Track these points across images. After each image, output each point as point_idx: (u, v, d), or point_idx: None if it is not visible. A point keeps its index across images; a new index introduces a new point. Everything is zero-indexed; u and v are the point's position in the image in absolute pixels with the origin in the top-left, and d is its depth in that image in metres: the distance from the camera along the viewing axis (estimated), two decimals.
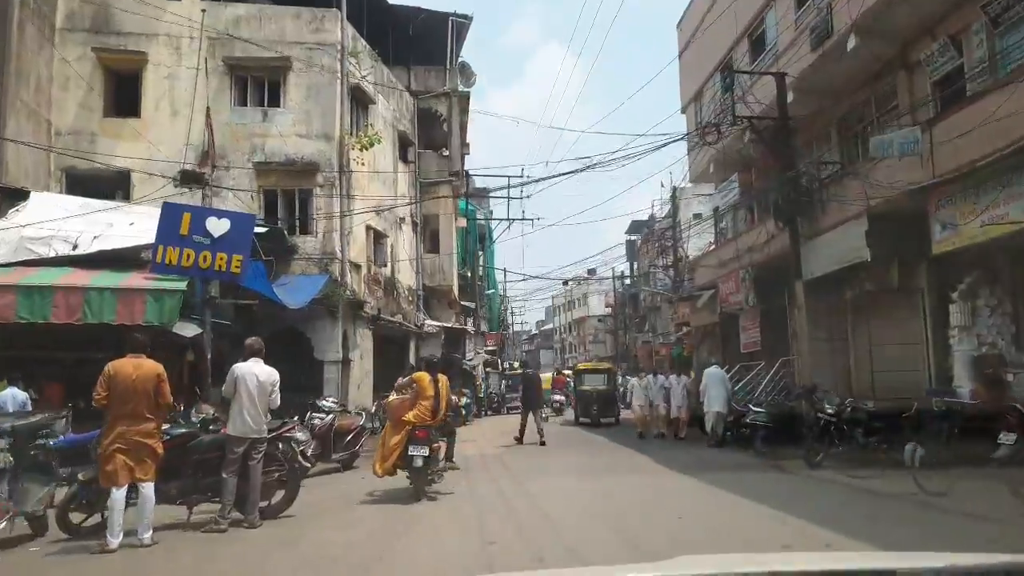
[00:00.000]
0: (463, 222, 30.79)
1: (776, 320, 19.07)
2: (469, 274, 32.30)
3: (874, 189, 12.99)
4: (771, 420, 13.78)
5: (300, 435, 9.95)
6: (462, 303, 30.46)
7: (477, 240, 37.18)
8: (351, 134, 19.36)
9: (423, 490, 9.01)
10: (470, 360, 27.03)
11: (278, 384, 7.51)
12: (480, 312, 35.15)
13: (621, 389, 32.80)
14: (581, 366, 26.07)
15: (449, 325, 25.08)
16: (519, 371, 36.81)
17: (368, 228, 20.71)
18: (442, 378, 9.87)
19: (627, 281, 68.25)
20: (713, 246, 25.44)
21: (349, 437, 12.17)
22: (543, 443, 16.63)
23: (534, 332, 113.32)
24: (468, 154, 30.51)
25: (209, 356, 13.03)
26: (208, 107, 15.82)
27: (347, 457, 12.21)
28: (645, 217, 66.28)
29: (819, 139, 17.26)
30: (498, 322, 45.01)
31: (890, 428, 11.59)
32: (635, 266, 69.95)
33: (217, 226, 13.08)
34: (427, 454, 8.96)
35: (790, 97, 15.83)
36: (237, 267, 13.16)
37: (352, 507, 8.90)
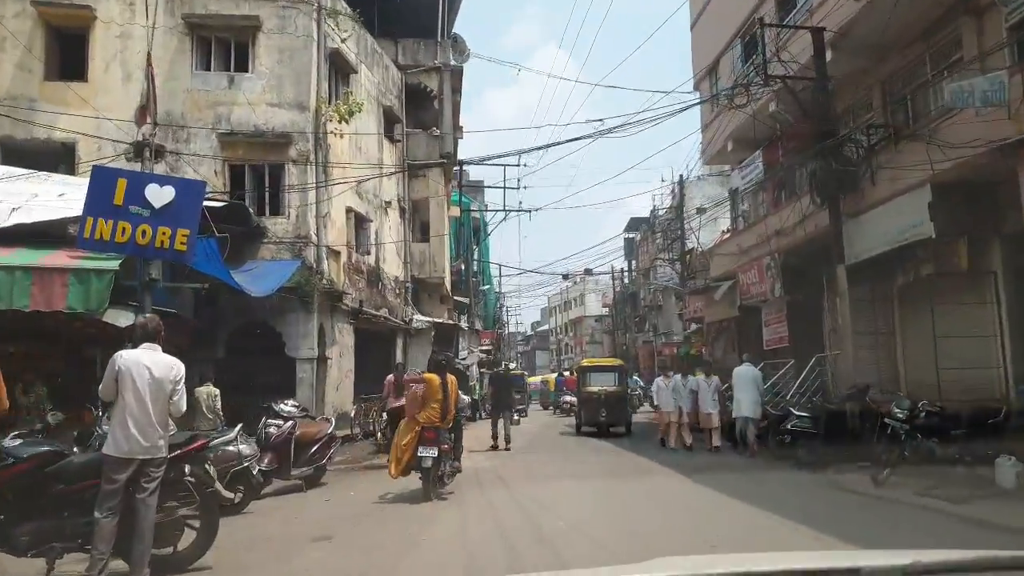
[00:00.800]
0: (456, 211, 28.65)
1: (806, 312, 16.98)
2: (464, 267, 30.15)
3: (940, 152, 10.90)
4: (816, 426, 11.69)
5: (244, 448, 7.82)
6: (455, 298, 28.32)
7: (471, 233, 35.07)
8: (328, 103, 17.20)
9: (434, 491, 9.06)
10: (464, 359, 24.90)
11: (182, 380, 5.32)
12: (475, 309, 33.00)
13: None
14: (586, 362, 22.08)
15: (441, 321, 22.94)
16: (514, 372, 34.80)
17: (349, 211, 18.55)
18: (451, 379, 9.89)
19: (625, 279, 66.24)
20: (728, 234, 23.36)
21: (315, 448, 10.01)
22: (508, 448, 15.93)
23: (530, 333, 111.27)
24: (461, 138, 28.39)
25: None
26: (149, 54, 13.55)
27: (312, 473, 10.04)
28: (644, 215, 64.78)
29: (860, 105, 15.18)
30: (493, 320, 42.84)
31: (970, 436, 9.53)
32: (633, 264, 68.30)
33: (159, 195, 10.89)
34: (436, 455, 9.07)
35: (828, 55, 13.77)
36: (183, 244, 10.96)
37: (308, 544, 6.73)
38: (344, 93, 17.84)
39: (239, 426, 8.01)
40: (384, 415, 15.54)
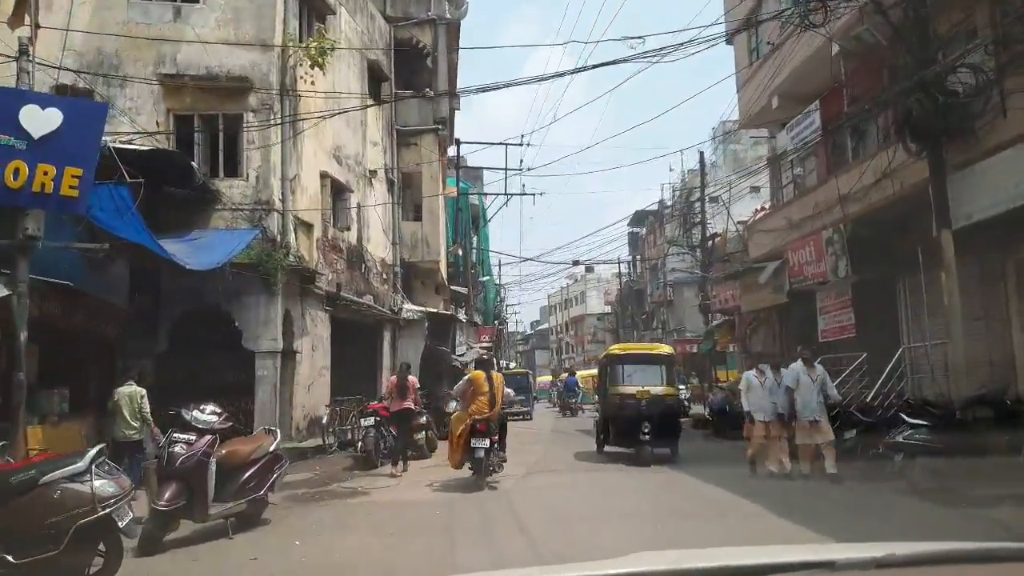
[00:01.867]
0: (453, 191, 25.61)
1: (877, 296, 14.00)
2: (460, 252, 27.10)
3: None
4: (937, 439, 8.66)
5: (103, 485, 4.79)
6: (452, 288, 25.30)
7: (470, 220, 32.06)
8: (299, 42, 14.16)
9: (485, 480, 9.51)
10: (461, 356, 21.86)
11: None
12: (473, 303, 29.95)
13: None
14: (616, 349, 14.94)
15: (436, 311, 19.90)
16: (516, 371, 31.71)
17: (324, 176, 15.50)
18: (496, 375, 10.45)
19: (629, 274, 63.25)
20: (763, 211, 20.34)
21: (249, 474, 6.94)
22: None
23: (529, 332, 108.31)
24: (458, 108, 25.35)
25: (24, 335, 7.80)
26: None
27: (245, 508, 6.97)
28: (650, 208, 61.81)
29: (956, 35, 12.16)
30: (493, 316, 39.79)
31: None
32: (637, 260, 65.30)
33: (40, 120, 7.94)
34: (488, 445, 9.54)
35: None
36: (73, 188, 8.01)
37: None
38: (317, 30, 14.77)
39: (95, 449, 4.99)
40: (362, 420, 12.52)
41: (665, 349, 15.12)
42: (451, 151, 27.69)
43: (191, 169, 11.94)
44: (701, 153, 28.81)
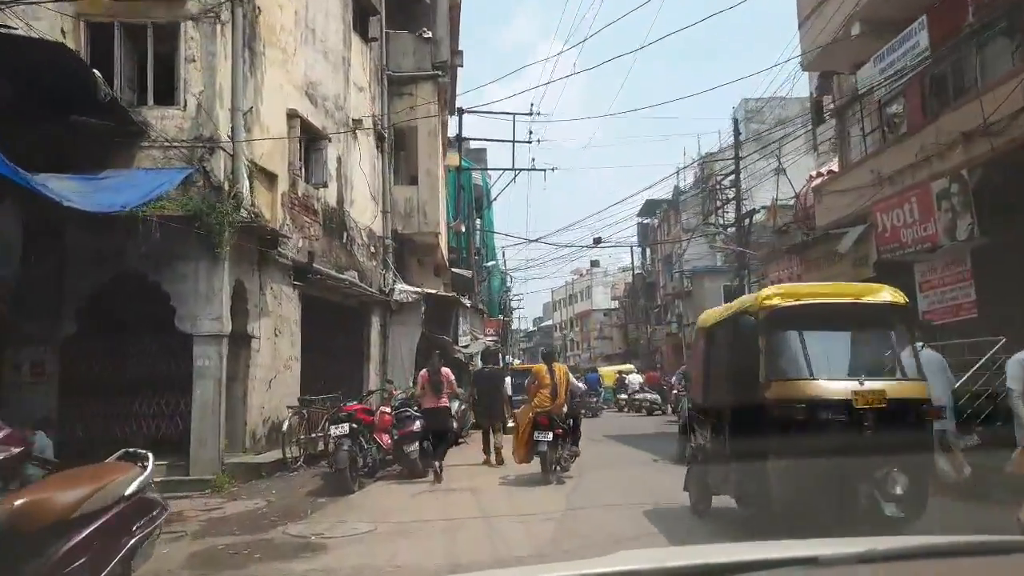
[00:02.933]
0: (455, 160, 22.35)
1: (1006, 265, 10.72)
2: (463, 230, 23.81)
3: None
4: None
5: None
6: (454, 271, 22.05)
7: (472, 199, 28.81)
8: None
9: (550, 470, 9.34)
10: (465, 347, 18.59)
11: None
12: (478, 291, 26.67)
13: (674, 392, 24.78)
14: (782, 295, 6.12)
15: (434, 292, 16.57)
16: (528, 367, 28.44)
17: (293, 117, 12.22)
18: (559, 366, 10.09)
19: (642, 264, 59.98)
20: (822, 176, 17.05)
21: (73, 544, 3.65)
22: (500, 461, 11.41)
23: (531, 329, 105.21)
24: (461, 65, 22.09)
25: None
26: None
27: None
28: (661, 197, 58.50)
29: None
30: (499, 307, 36.45)
31: None
32: (644, 254, 62.04)
33: None
34: (550, 438, 9.28)
35: None
36: None
37: None
38: None
39: None
40: (333, 427, 9.25)
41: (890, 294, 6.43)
42: (453, 136, 24.48)
43: (95, 82, 8.65)
44: (735, 119, 25.42)
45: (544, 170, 29.00)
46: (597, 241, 26.39)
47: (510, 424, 12.16)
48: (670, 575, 1.38)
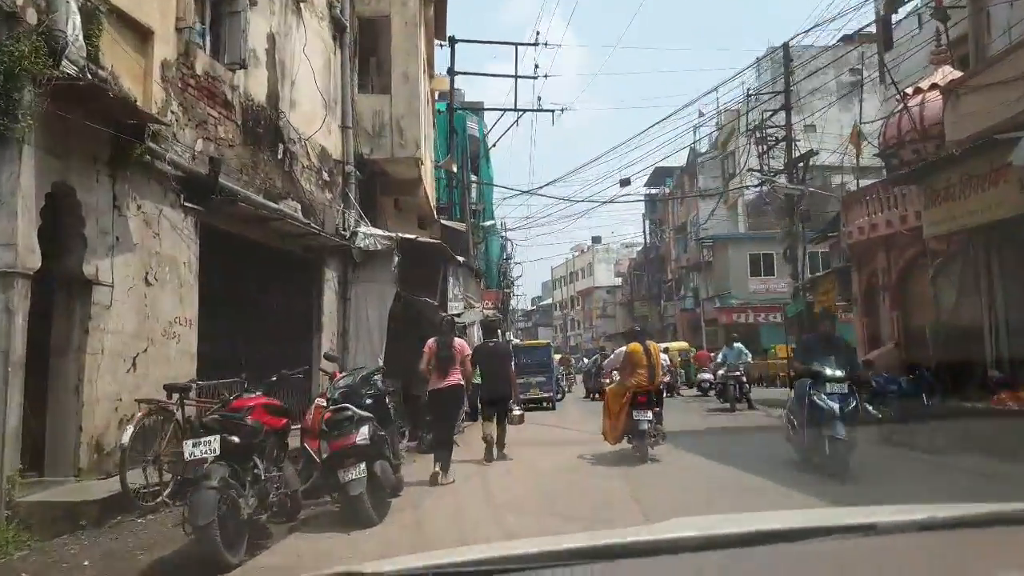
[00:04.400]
0: (444, 83, 17.97)
1: None
2: (455, 169, 19.41)
3: None
4: None
5: None
6: (444, 223, 17.75)
7: (467, 146, 24.44)
8: None
9: (647, 453, 9.04)
10: (457, 314, 14.30)
11: None
12: (475, 252, 22.33)
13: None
14: None
15: (413, 238, 12.15)
16: (537, 343, 24.12)
17: None
18: (653, 345, 9.84)
19: (654, 234, 55.73)
20: (921, 88, 12.71)
21: None
22: (502, 455, 9.46)
23: (530, 308, 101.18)
24: None
25: None
26: None
27: None
28: (670, 164, 54.02)
29: None
30: (499, 276, 32.04)
31: None
32: (648, 226, 57.80)
33: None
34: (651, 418, 9.10)
35: None
36: None
37: None
38: None
39: None
40: (189, 444, 4.92)
41: None
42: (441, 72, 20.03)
43: None
44: (785, 45, 20.92)
45: (552, 111, 23.46)
46: (625, 182, 21.63)
47: (516, 412, 10.11)
48: (724, 542, 1.32)
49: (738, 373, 16.02)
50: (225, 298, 8.60)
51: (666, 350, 24.44)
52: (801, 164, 19.35)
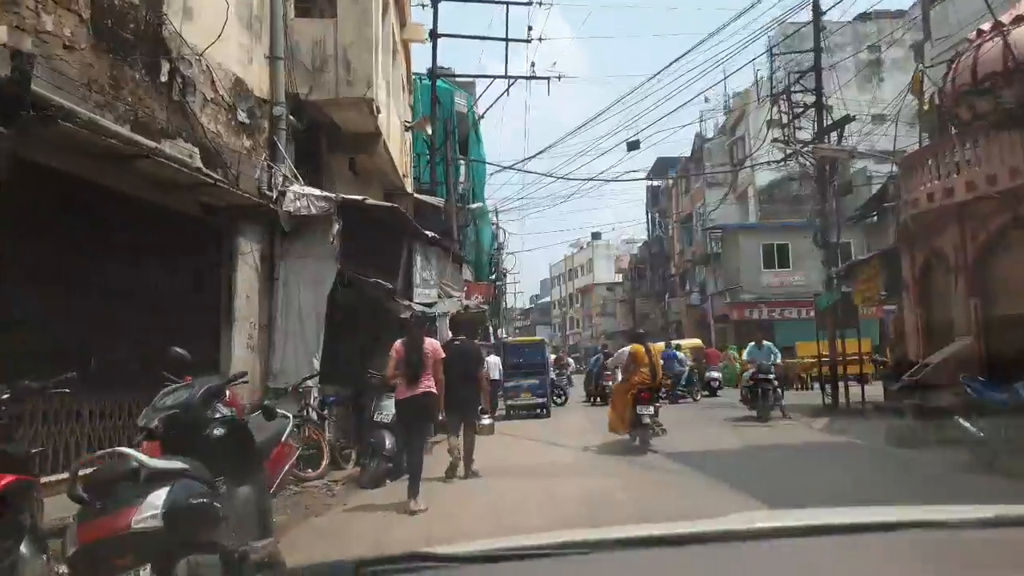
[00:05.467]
0: (421, 33, 15.25)
1: None
2: (429, 132, 16.67)
3: None
4: None
5: None
6: (418, 197, 15.03)
7: (452, 112, 21.81)
8: None
9: (649, 444, 10.03)
10: (429, 305, 11.57)
11: None
12: (459, 237, 19.59)
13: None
14: None
15: (360, 199, 9.27)
16: (529, 340, 21.35)
17: None
18: (654, 346, 11.26)
19: (659, 226, 53.03)
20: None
21: None
22: (471, 474, 8.42)
23: (529, 306, 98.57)
24: None
25: None
26: None
27: None
28: (673, 154, 51.33)
29: None
30: (490, 265, 29.22)
31: None
32: (655, 219, 55.10)
33: None
34: (653, 412, 10.12)
35: None
36: None
37: None
38: None
39: None
40: None
41: None
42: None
43: None
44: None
45: (547, 78, 20.71)
46: (634, 145, 18.84)
47: (485, 421, 9.19)
48: (788, 533, 1.34)
49: (771, 376, 13.33)
50: (59, 270, 5.88)
51: (678, 348, 21.75)
52: (835, 133, 16.63)
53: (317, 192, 8.68)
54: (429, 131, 16.09)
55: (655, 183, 56.75)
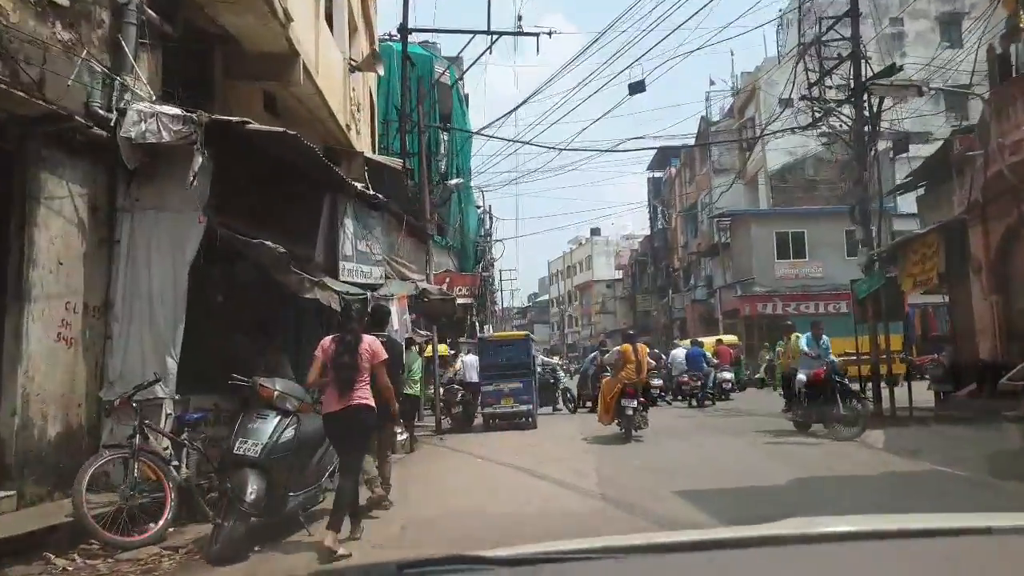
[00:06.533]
0: None
1: None
2: (381, 72, 13.85)
3: None
4: None
5: None
6: (372, 159, 12.21)
7: (431, 71, 19.09)
8: None
9: (631, 433, 10.88)
10: (374, 288, 8.79)
11: None
12: (432, 218, 16.70)
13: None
14: None
15: (242, 122, 6.51)
16: (510, 335, 18.46)
17: None
18: (641, 346, 11.73)
19: (662, 219, 50.28)
20: None
21: None
22: (381, 506, 6.27)
23: (527, 305, 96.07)
24: None
25: None
26: None
27: None
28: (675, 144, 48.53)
29: None
30: (475, 255, 26.27)
31: None
32: (660, 211, 52.33)
33: None
34: (635, 405, 10.91)
35: None
36: None
37: None
38: None
39: None
40: None
41: None
42: None
43: None
44: None
45: (536, 34, 17.67)
46: (637, 87, 15.73)
47: (400, 437, 8.41)
48: (841, 539, 1.36)
49: (844, 378, 10.48)
50: None
51: (700, 344, 19.15)
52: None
53: (172, 111, 5.88)
54: (381, 72, 13.22)
55: (656, 174, 54.15)
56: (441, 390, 14.38)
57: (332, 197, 7.68)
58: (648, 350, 12.38)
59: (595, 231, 79.92)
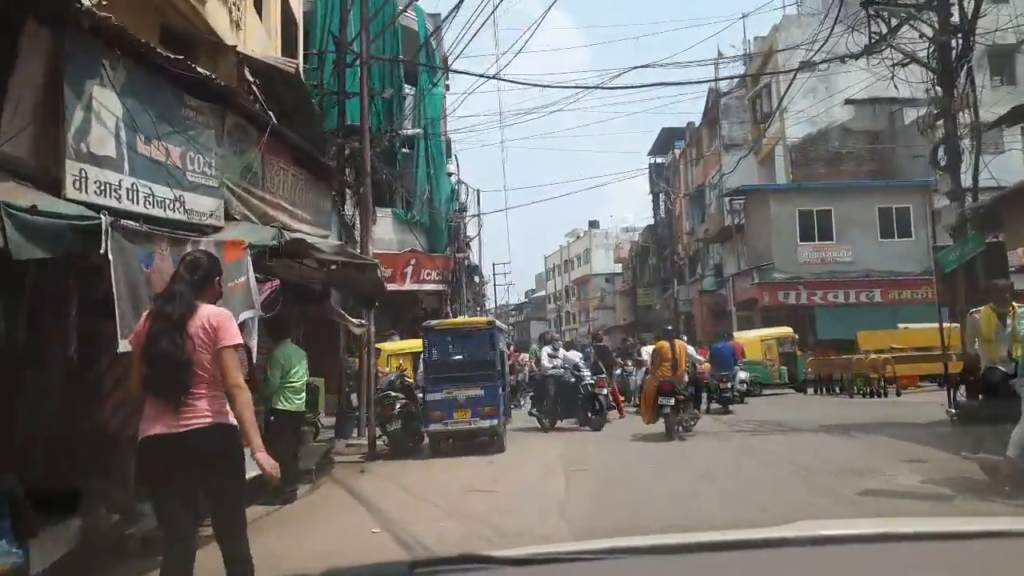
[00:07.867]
0: None
1: None
2: None
3: None
4: None
5: None
6: (247, 55, 8.39)
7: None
8: None
9: (673, 430, 10.67)
10: (209, 230, 4.99)
11: None
12: (386, 180, 12.74)
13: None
14: None
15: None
16: (472, 322, 14.40)
17: None
18: (679, 343, 11.71)
19: (665, 204, 46.54)
20: None
21: None
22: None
23: (523, 300, 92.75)
24: None
25: None
26: None
27: None
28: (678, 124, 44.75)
29: None
30: (448, 233, 22.07)
31: None
32: (661, 199, 48.61)
33: None
34: (672, 403, 10.66)
35: None
36: None
37: None
38: None
39: None
40: None
41: None
42: None
43: None
44: None
45: None
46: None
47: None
48: (856, 540, 1.35)
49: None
50: None
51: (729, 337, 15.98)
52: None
53: None
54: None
55: (659, 160, 50.39)
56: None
57: (52, 36, 3.79)
58: (687, 348, 12.04)
59: (593, 224, 76.57)
